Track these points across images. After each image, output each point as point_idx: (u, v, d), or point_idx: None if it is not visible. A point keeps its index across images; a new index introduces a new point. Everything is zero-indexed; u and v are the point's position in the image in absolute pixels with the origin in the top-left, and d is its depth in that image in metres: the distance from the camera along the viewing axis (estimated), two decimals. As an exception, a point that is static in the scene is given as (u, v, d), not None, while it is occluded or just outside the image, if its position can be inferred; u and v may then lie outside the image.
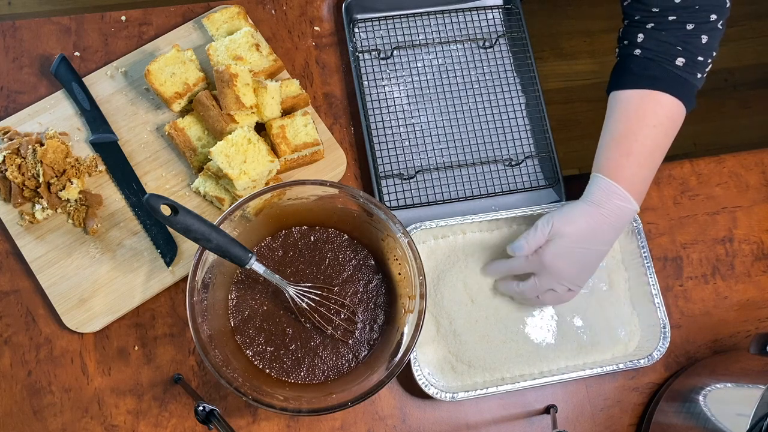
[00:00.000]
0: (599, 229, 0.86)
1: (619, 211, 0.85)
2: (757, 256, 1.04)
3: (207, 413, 0.75)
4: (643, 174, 0.86)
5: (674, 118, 0.86)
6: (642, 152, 0.84)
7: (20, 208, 0.93)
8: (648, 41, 0.85)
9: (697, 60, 0.85)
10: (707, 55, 0.85)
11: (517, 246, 0.89)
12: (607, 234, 0.86)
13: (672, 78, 0.84)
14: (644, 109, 0.85)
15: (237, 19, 1.01)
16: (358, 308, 0.89)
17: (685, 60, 0.84)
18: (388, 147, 1.03)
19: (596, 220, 0.85)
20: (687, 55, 0.84)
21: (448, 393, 0.88)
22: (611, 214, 0.85)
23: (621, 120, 0.86)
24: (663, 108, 0.85)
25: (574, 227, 0.86)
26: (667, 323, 0.93)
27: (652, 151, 0.85)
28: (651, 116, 0.84)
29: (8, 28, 1.03)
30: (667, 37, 0.84)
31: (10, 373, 0.90)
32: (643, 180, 0.86)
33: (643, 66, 0.85)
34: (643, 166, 0.85)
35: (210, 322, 0.82)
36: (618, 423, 0.95)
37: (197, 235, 0.77)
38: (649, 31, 0.85)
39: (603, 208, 0.85)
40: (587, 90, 2.04)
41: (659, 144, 0.85)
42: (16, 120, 0.97)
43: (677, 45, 0.84)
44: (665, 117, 0.85)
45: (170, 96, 0.96)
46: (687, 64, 0.84)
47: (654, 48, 0.85)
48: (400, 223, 0.83)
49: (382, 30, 1.09)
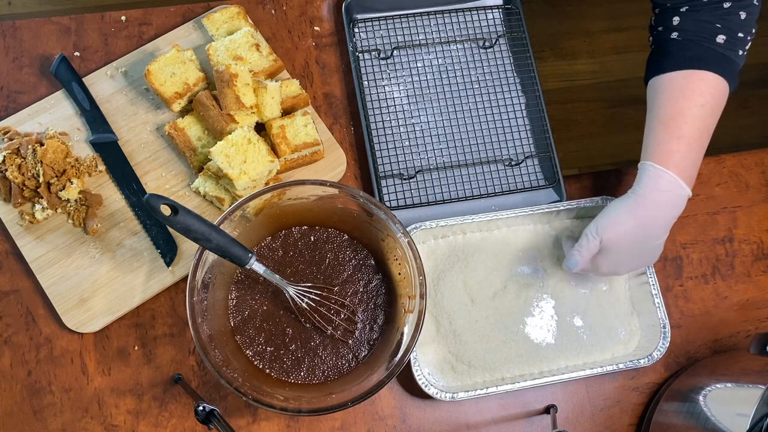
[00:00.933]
0: (651, 224, 0.84)
1: (671, 199, 0.83)
2: (757, 256, 1.04)
3: (207, 413, 0.75)
4: (693, 157, 0.83)
5: (720, 97, 0.84)
6: (692, 133, 0.82)
7: (20, 208, 0.93)
8: (685, 23, 0.84)
9: (737, 36, 0.83)
10: (747, 32, 0.84)
11: (572, 263, 0.88)
12: (660, 226, 0.84)
13: (714, 56, 0.83)
14: (690, 89, 0.82)
15: (237, 19, 1.01)
16: (358, 308, 0.89)
17: (726, 37, 0.82)
18: (388, 147, 1.03)
19: (646, 217, 0.83)
20: (727, 32, 0.82)
21: (448, 393, 0.88)
22: (662, 205, 0.83)
23: (667, 102, 0.83)
24: (709, 86, 0.82)
25: (624, 231, 0.84)
26: (667, 323, 0.93)
27: (702, 131, 0.83)
28: (698, 95, 0.82)
29: (8, 28, 1.03)
30: (705, 16, 0.83)
31: (10, 373, 0.90)
32: (693, 163, 0.83)
33: (683, 47, 0.83)
34: (694, 149, 0.83)
35: (210, 322, 0.82)
36: (618, 423, 0.95)
37: (197, 235, 0.77)
38: (684, 14, 0.84)
39: (653, 201, 0.82)
40: (587, 90, 2.04)
41: (708, 124, 0.83)
42: (16, 120, 0.97)
43: (716, 23, 0.82)
44: (711, 96, 0.83)
45: (170, 96, 0.96)
46: (728, 41, 0.83)
47: (692, 28, 0.83)
48: (400, 223, 0.83)
49: (382, 30, 1.09)
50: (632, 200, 0.84)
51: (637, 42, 2.06)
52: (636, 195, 0.84)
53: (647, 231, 0.84)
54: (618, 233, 0.84)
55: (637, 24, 2.10)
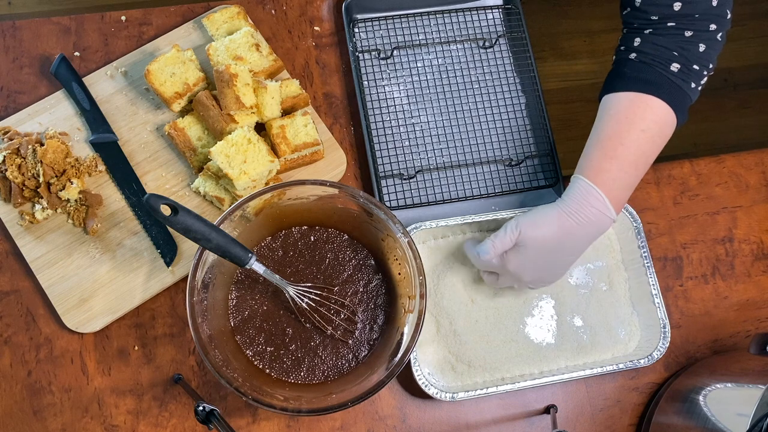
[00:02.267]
0: (570, 237, 0.83)
1: (595, 218, 0.82)
2: (757, 256, 1.04)
3: (207, 413, 0.75)
4: (626, 180, 0.83)
5: (663, 126, 0.83)
6: (626, 157, 0.82)
7: (20, 208, 0.93)
8: (644, 45, 0.83)
9: (692, 68, 0.83)
10: (703, 65, 0.83)
11: (483, 249, 0.87)
12: (577, 243, 0.84)
13: (665, 83, 0.82)
14: (634, 112, 0.82)
15: (237, 19, 1.01)
16: (358, 308, 0.89)
17: (680, 66, 0.82)
18: (388, 147, 1.03)
19: (567, 228, 0.83)
20: (683, 60, 0.82)
21: (448, 393, 0.88)
22: (586, 221, 0.82)
23: (609, 122, 0.83)
24: (653, 113, 0.82)
25: (542, 235, 0.83)
26: (667, 323, 0.93)
27: (638, 157, 0.82)
28: (639, 120, 0.82)
29: (8, 28, 1.03)
30: (664, 42, 0.83)
31: (10, 373, 0.90)
32: (624, 186, 0.83)
33: (637, 69, 0.83)
34: (627, 172, 0.82)
35: (210, 322, 0.82)
36: (618, 423, 0.95)
37: (197, 235, 0.77)
38: (646, 36, 0.84)
39: (577, 214, 0.82)
40: (587, 90, 2.04)
41: (645, 151, 0.83)
42: (16, 120, 0.97)
43: (674, 50, 0.82)
44: (654, 122, 0.82)
45: (170, 96, 0.96)
46: (682, 71, 0.82)
47: (650, 51, 0.83)
48: (400, 223, 0.83)
49: (382, 30, 1.09)
50: (559, 209, 0.84)
51: (637, 42, 2.06)
52: (563, 204, 0.84)
53: (564, 242, 0.84)
54: (536, 234, 0.84)
55: (637, 24, 2.10)
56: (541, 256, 0.85)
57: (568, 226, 0.83)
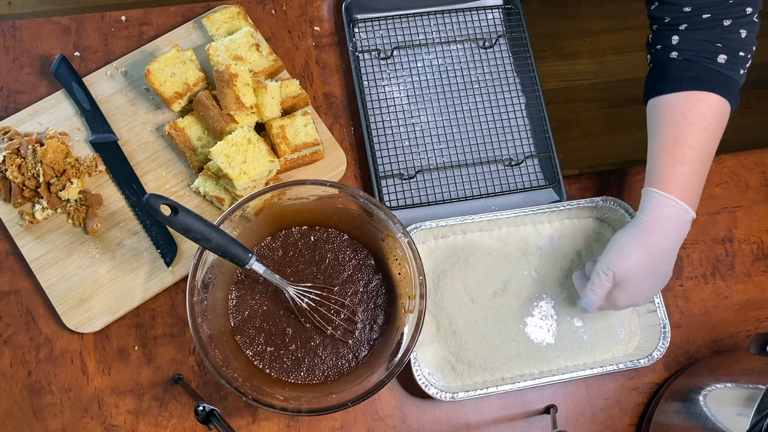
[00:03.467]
0: (659, 251, 0.83)
1: (676, 225, 0.82)
2: (757, 256, 1.04)
3: (207, 413, 0.75)
4: (697, 180, 0.82)
5: (722, 118, 0.82)
6: (695, 157, 0.81)
7: (20, 208, 0.93)
8: (685, 42, 0.82)
9: (738, 55, 0.82)
10: (748, 50, 0.82)
11: (587, 303, 0.87)
12: (668, 252, 0.83)
13: (716, 76, 0.81)
14: (692, 111, 0.81)
15: (237, 19, 1.01)
16: (358, 308, 0.89)
17: (727, 56, 0.81)
18: (388, 147, 1.03)
19: (654, 245, 0.82)
20: (728, 51, 0.81)
21: (448, 393, 0.88)
22: (669, 231, 0.82)
23: (669, 126, 0.82)
24: (711, 109, 0.81)
25: (635, 263, 0.83)
26: (667, 323, 0.93)
27: (704, 154, 0.82)
28: (700, 118, 0.81)
29: (8, 28, 1.03)
30: (705, 35, 0.81)
31: (10, 373, 0.90)
32: (696, 186, 0.83)
33: (683, 68, 0.82)
34: (697, 172, 0.82)
35: (210, 322, 0.82)
36: (618, 423, 0.95)
37: (197, 235, 0.77)
38: (683, 32, 0.82)
39: (659, 229, 0.82)
40: (587, 90, 2.04)
41: (710, 147, 0.82)
42: (16, 120, 0.97)
43: (717, 42, 0.81)
44: (713, 117, 0.81)
45: (170, 96, 0.96)
46: (729, 61, 0.81)
47: (692, 48, 0.82)
48: (400, 223, 0.83)
49: (382, 30, 1.09)
50: (637, 229, 0.83)
51: (637, 42, 2.05)
52: (641, 223, 0.83)
53: (656, 258, 0.83)
54: (629, 266, 0.83)
55: (637, 24, 2.10)
56: (643, 281, 0.84)
57: (653, 244, 0.82)
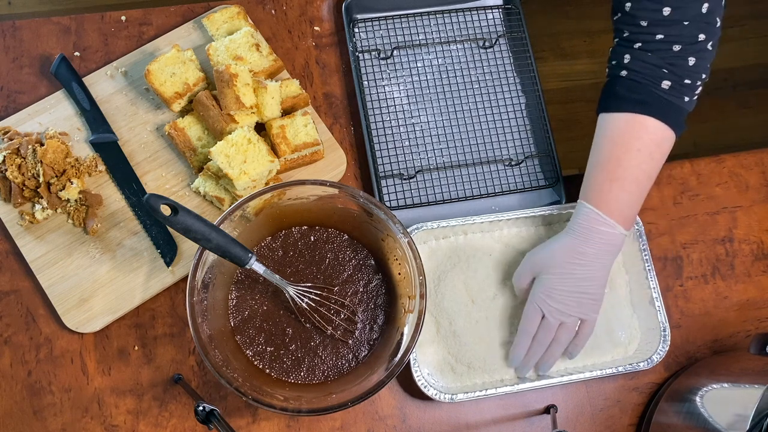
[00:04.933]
0: (584, 256, 0.86)
1: (605, 237, 0.85)
2: (757, 256, 1.04)
3: (207, 413, 0.75)
4: (629, 198, 0.85)
5: (660, 143, 0.84)
6: (626, 177, 0.84)
7: (20, 208, 0.93)
8: (634, 62, 0.84)
9: (684, 83, 0.83)
10: (695, 78, 0.83)
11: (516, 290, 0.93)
12: (595, 261, 0.86)
13: (658, 102, 0.83)
14: (629, 134, 0.84)
15: (237, 19, 1.01)
16: (358, 308, 0.89)
17: (671, 83, 0.83)
18: (388, 147, 1.03)
19: (578, 249, 0.86)
20: (673, 77, 0.82)
21: (448, 394, 0.88)
22: (596, 241, 0.85)
23: (606, 145, 0.86)
24: (648, 133, 0.84)
25: (555, 260, 0.87)
26: (668, 326, 0.93)
27: (637, 175, 0.84)
28: (635, 141, 0.84)
29: (8, 28, 1.03)
30: (653, 59, 0.83)
31: (10, 373, 0.90)
32: (628, 204, 0.86)
33: (629, 88, 0.84)
34: (628, 191, 0.85)
35: (210, 322, 0.82)
36: (618, 423, 0.95)
37: (197, 235, 0.77)
38: (635, 52, 0.84)
39: (586, 236, 0.85)
40: (587, 90, 2.04)
41: (644, 168, 0.84)
42: (16, 120, 0.97)
43: (663, 67, 0.82)
44: (650, 141, 0.84)
45: (170, 96, 0.96)
46: (673, 87, 0.83)
47: (640, 70, 0.83)
48: (400, 223, 0.83)
49: (382, 30, 1.09)
50: (566, 237, 0.88)
51: (637, 42, 2.06)
52: (571, 231, 0.87)
53: (579, 264, 0.86)
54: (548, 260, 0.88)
55: (637, 24, 2.10)
56: (561, 280, 0.87)
57: (579, 248, 0.86)
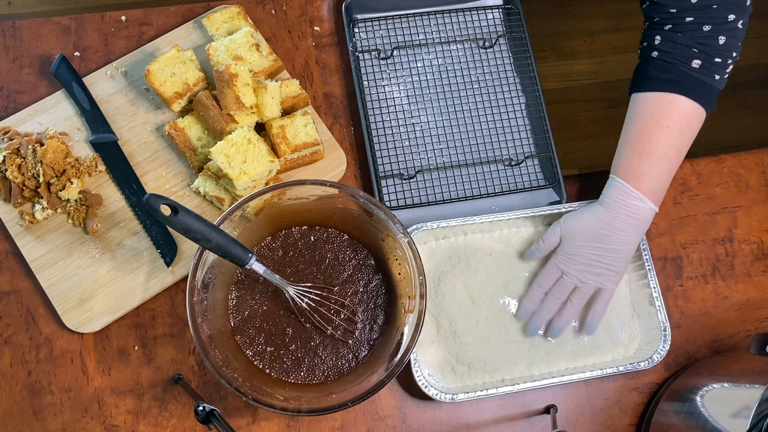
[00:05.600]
0: (612, 228, 0.88)
1: (633, 210, 0.87)
2: (757, 256, 1.04)
3: (207, 413, 0.75)
4: (658, 173, 0.87)
5: (690, 120, 0.87)
6: (655, 152, 0.86)
7: (20, 208, 0.93)
8: (664, 43, 0.86)
9: (714, 62, 0.85)
10: (726, 56, 0.85)
11: (530, 252, 0.94)
12: (622, 234, 0.88)
13: (689, 80, 0.85)
14: (659, 111, 0.86)
15: (237, 19, 1.01)
16: (358, 308, 0.89)
17: (701, 62, 0.85)
18: (388, 147, 1.03)
19: (607, 220, 0.88)
20: (703, 57, 0.85)
21: (448, 394, 0.88)
22: (624, 214, 0.88)
23: (636, 122, 0.88)
24: (678, 110, 0.86)
25: (584, 227, 0.89)
26: (668, 326, 0.93)
27: (666, 150, 0.86)
28: (665, 118, 0.86)
29: (8, 28, 1.03)
30: (683, 39, 0.85)
31: (10, 373, 0.90)
32: (657, 178, 0.88)
33: (660, 68, 0.87)
34: (657, 165, 0.87)
35: (210, 322, 0.82)
36: (618, 423, 0.95)
37: (197, 235, 0.77)
38: (665, 33, 0.86)
39: (615, 209, 0.88)
40: (587, 90, 2.04)
41: (674, 144, 0.87)
42: (16, 120, 0.97)
43: (693, 47, 0.85)
44: (680, 119, 0.86)
45: (170, 96, 0.96)
46: (704, 66, 0.85)
47: (670, 50, 0.86)
48: (400, 223, 0.83)
49: (382, 30, 1.09)
50: (597, 206, 0.90)
51: (637, 42, 2.06)
52: (600, 203, 0.90)
53: (607, 234, 0.89)
54: (575, 224, 0.91)
55: (637, 24, 2.08)
56: (586, 247, 0.89)
57: (608, 220, 0.88)
